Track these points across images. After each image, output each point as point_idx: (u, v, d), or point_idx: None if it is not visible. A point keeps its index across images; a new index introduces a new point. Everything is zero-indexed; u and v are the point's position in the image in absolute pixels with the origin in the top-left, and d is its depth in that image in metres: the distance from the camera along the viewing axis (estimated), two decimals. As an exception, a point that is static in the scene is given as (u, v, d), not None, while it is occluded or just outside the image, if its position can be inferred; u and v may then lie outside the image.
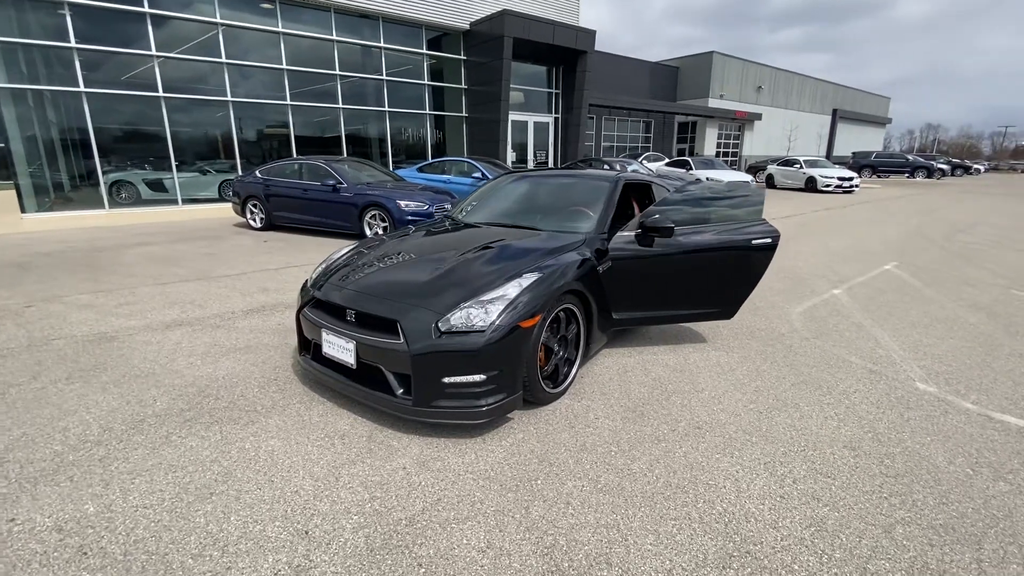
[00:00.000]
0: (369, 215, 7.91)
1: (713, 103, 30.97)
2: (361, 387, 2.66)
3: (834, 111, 41.69)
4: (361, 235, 8.06)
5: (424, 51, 15.73)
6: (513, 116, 16.61)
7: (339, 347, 2.69)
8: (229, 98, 12.33)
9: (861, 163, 32.38)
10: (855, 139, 45.11)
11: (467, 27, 15.88)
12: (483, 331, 2.44)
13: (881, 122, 52.40)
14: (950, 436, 2.65)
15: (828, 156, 38.13)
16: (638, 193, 4.49)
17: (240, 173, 11.72)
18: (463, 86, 16.71)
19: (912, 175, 32.25)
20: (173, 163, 11.86)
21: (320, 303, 2.94)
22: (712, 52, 30.95)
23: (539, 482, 2.25)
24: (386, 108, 15.20)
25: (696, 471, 2.34)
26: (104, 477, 2.23)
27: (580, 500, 2.13)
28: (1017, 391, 3.17)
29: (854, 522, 2.02)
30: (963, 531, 1.98)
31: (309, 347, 3.03)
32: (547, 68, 18.28)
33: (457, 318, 2.49)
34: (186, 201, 12.23)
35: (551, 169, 5.09)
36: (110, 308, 4.63)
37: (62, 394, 2.98)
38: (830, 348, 3.86)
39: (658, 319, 3.66)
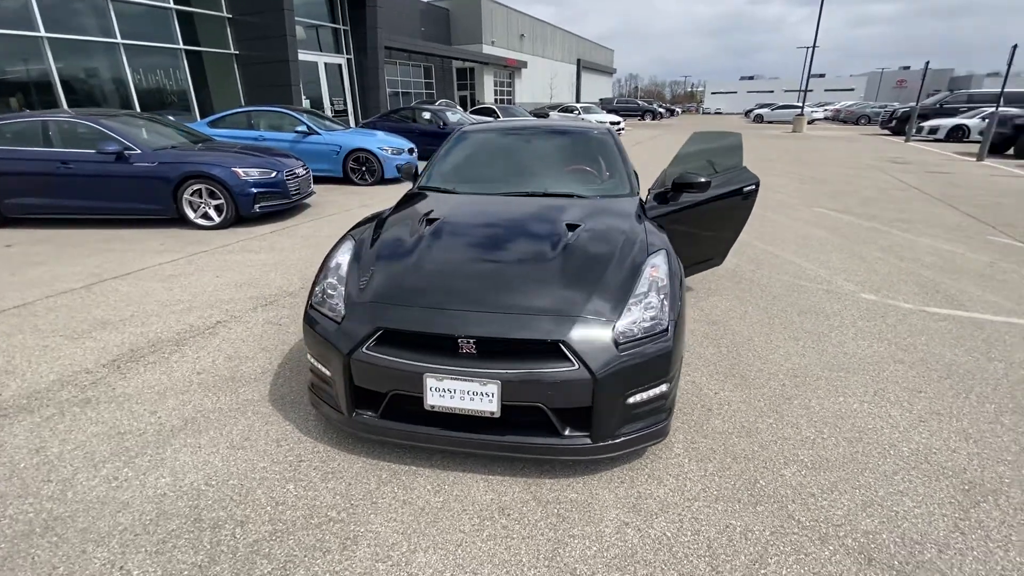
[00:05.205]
0: (190, 191, 5.78)
1: (487, 49, 31.61)
2: (505, 438, 1.94)
3: (578, 61, 47.15)
4: (182, 218, 5.89)
5: (159, -39, 11.78)
6: (301, 56, 14.00)
7: (465, 394, 1.87)
8: None
9: (607, 108, 37.78)
10: (593, 87, 52.18)
11: (219, -65, 12.41)
12: (664, 331, 1.99)
13: (609, 72, 61.58)
14: (932, 334, 3.34)
15: (577, 102, 43.36)
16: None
17: None
18: (226, 14, 13.24)
19: (643, 118, 39.20)
20: None
21: (393, 336, 1.98)
22: (479, -4, 31.13)
23: (766, 484, 2.02)
24: (117, 39, 11.07)
25: (845, 419, 2.43)
26: None
27: (831, 487, 1.99)
28: (910, 287, 4.17)
29: (983, 425, 2.38)
30: (1028, 408, 2.53)
31: (375, 402, 2.06)
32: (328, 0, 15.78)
33: (629, 322, 1.98)
34: None
35: (510, 120, 4.39)
36: None
37: None
38: (780, 277, 4.44)
39: None
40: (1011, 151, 13.41)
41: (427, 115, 12.83)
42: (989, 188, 8.82)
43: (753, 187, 3.71)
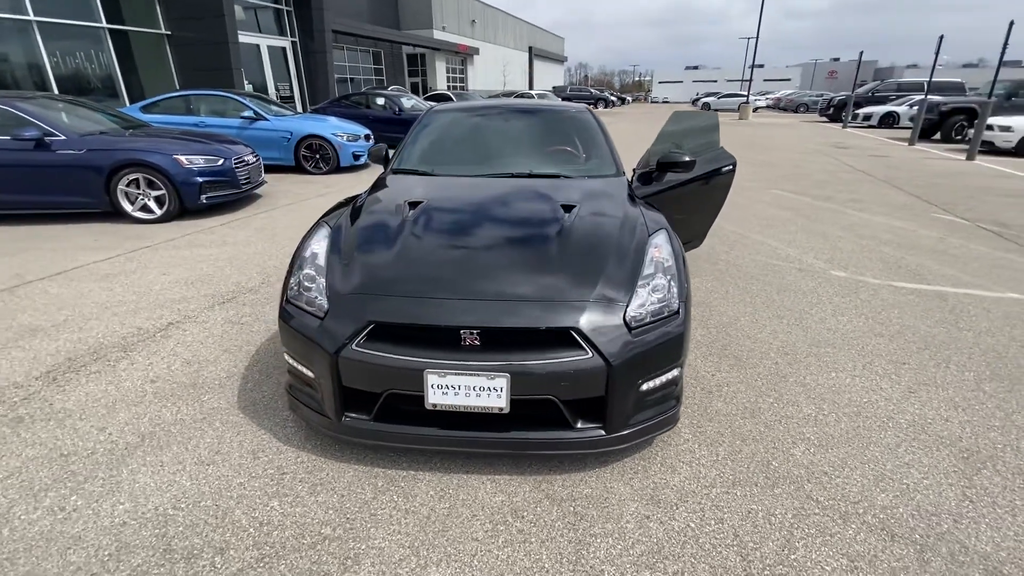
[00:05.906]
0: (126, 181, 5.24)
1: (438, 35, 30.83)
2: (513, 435, 1.80)
3: (530, 48, 46.91)
4: (117, 212, 5.34)
5: (74, -71, 10.63)
6: (242, 38, 13.10)
7: (471, 390, 1.71)
8: None
9: (561, 95, 37.86)
10: (545, 75, 52.13)
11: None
12: (676, 313, 1.90)
13: (560, 60, 61.67)
14: (904, 307, 3.44)
15: (531, 89, 43.16)
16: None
17: None
18: (153, -9, 12.17)
19: (595, 106, 39.53)
20: None
21: (386, 330, 1.79)
22: (428, -22, 30.24)
23: (779, 465, 1.98)
24: (29, 16, 9.94)
25: (841, 394, 2.44)
26: None
27: (841, 463, 1.97)
28: (874, 263, 4.32)
29: (967, 393, 2.45)
30: (1004, 371, 2.62)
31: (366, 404, 1.86)
32: (268, -23, 14.82)
33: (638, 305, 1.87)
34: None
35: (484, 100, 4.18)
36: None
37: None
38: (754, 257, 4.49)
39: None
40: (938, 135, 14.37)
41: (381, 101, 12.29)
42: (924, 170, 9.37)
43: (731, 167, 3.70)
